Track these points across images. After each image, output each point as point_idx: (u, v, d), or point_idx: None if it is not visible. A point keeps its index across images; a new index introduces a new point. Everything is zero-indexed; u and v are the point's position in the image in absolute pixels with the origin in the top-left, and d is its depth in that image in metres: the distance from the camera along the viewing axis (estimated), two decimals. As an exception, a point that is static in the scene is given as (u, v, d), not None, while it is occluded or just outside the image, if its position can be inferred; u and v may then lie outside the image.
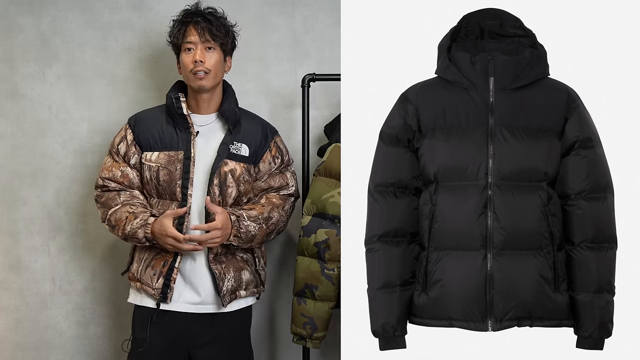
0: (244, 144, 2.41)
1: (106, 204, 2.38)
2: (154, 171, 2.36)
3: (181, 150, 2.35)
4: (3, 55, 2.84)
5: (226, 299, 2.35)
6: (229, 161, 2.37)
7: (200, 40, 2.34)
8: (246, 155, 2.41)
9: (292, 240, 2.88)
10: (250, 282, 2.45)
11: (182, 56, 2.36)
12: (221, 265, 2.36)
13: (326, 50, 2.86)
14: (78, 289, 2.88)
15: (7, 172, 2.86)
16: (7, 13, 2.84)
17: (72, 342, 2.89)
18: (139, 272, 2.37)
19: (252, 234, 2.34)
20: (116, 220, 2.34)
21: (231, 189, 2.37)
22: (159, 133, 2.38)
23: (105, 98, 2.84)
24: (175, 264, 2.32)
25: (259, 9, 2.88)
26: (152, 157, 2.37)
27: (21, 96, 2.85)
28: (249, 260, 2.46)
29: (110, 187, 2.40)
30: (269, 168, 2.47)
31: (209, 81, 2.36)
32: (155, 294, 2.33)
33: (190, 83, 2.37)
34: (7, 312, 2.87)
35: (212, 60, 2.35)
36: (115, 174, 2.40)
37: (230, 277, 2.37)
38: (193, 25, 2.35)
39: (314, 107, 2.81)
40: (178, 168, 2.34)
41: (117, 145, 2.43)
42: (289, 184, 2.51)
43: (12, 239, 2.87)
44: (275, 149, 2.49)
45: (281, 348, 2.91)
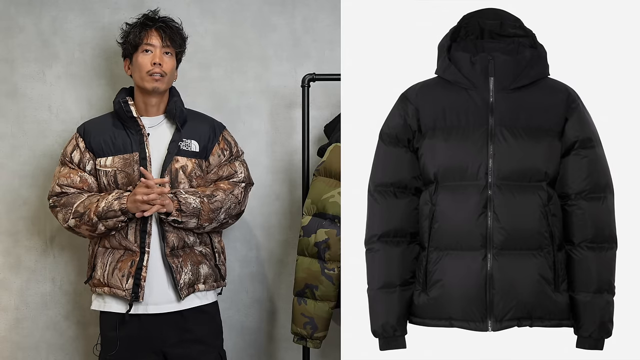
0: (193, 140, 2.47)
1: (68, 203, 2.40)
2: (111, 175, 2.41)
3: (135, 151, 2.41)
4: (3, 55, 2.84)
5: (183, 292, 2.38)
6: (180, 158, 2.43)
7: (161, 44, 2.43)
8: (196, 151, 2.47)
9: (292, 240, 2.88)
10: (209, 276, 2.47)
11: (139, 57, 2.43)
12: (178, 259, 2.40)
13: (326, 50, 2.86)
14: (78, 289, 2.88)
15: (7, 172, 2.86)
16: (7, 13, 2.84)
17: (72, 342, 2.89)
18: (106, 277, 2.39)
19: (193, 206, 2.36)
20: (85, 206, 2.36)
21: (183, 185, 2.42)
22: (111, 138, 2.44)
23: (105, 98, 2.84)
24: (143, 262, 2.36)
25: (259, 9, 2.88)
26: (107, 162, 2.42)
27: (21, 96, 2.85)
28: (208, 255, 2.49)
29: (69, 192, 2.43)
30: (219, 161, 2.52)
31: (163, 84, 2.43)
32: (126, 295, 2.35)
33: (144, 84, 2.42)
34: (7, 312, 2.87)
35: (168, 65, 2.44)
36: (73, 179, 2.44)
37: (187, 270, 2.40)
38: (155, 29, 2.44)
39: (314, 107, 2.80)
40: (135, 169, 2.39)
41: (70, 154, 2.47)
42: (237, 172, 2.54)
43: (12, 239, 2.87)
44: (224, 142, 2.54)
45: (281, 348, 2.91)
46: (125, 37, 2.49)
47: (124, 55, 2.51)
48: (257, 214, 2.88)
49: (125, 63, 2.51)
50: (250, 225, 2.89)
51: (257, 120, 2.89)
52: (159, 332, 2.40)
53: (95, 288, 2.43)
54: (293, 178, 2.87)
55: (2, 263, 2.87)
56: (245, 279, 2.90)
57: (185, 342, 2.42)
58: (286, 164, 2.88)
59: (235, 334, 2.88)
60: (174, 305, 2.41)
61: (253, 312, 2.90)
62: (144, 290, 2.35)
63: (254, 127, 2.88)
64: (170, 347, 2.42)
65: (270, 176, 2.89)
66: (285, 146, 2.88)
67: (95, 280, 2.42)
